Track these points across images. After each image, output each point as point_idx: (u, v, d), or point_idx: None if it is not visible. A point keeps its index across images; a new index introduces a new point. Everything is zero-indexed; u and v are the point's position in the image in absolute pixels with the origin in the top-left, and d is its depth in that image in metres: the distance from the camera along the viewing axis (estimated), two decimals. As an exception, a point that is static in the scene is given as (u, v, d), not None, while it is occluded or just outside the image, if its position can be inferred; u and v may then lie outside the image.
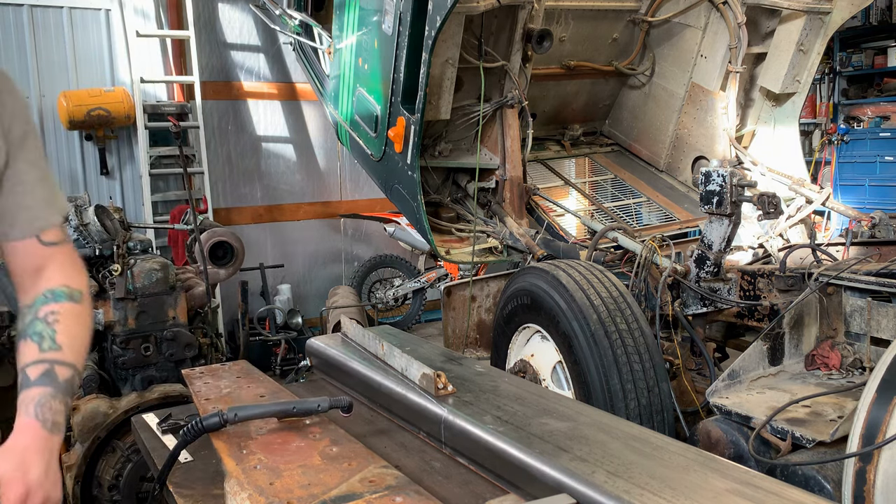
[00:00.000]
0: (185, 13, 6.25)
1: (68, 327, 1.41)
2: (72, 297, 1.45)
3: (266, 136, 6.98)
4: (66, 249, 1.51)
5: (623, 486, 1.18)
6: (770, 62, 4.75)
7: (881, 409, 1.87)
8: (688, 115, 5.05)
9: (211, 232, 4.04)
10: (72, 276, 1.48)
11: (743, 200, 3.12)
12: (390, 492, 1.28)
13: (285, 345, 5.75)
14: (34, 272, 1.46)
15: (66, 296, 1.44)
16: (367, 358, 1.95)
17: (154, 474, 1.65)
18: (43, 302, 1.42)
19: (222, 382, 1.95)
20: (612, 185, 5.19)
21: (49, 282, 1.45)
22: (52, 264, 1.47)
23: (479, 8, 3.84)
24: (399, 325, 6.70)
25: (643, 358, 2.83)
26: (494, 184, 4.41)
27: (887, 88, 8.44)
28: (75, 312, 1.44)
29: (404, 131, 3.98)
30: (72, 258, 1.52)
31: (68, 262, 1.49)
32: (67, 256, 1.50)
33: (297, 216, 7.17)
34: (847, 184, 8.41)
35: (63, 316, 1.41)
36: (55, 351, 1.37)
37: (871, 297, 2.73)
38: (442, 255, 4.12)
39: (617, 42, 5.13)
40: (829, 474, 2.18)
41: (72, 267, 1.50)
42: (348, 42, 4.58)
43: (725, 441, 2.55)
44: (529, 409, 1.55)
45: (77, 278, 1.49)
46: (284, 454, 1.45)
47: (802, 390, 2.64)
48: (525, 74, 4.41)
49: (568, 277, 3.04)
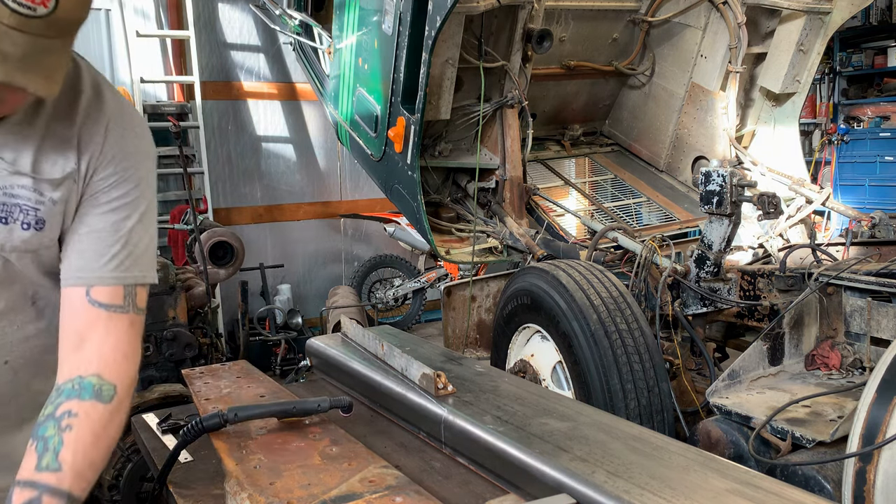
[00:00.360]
0: (185, 13, 6.24)
1: (80, 440, 1.20)
2: (99, 395, 1.24)
3: (266, 136, 6.98)
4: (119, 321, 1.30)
5: (623, 486, 1.18)
6: (770, 62, 4.75)
7: (881, 409, 1.87)
8: (688, 115, 5.05)
9: (211, 232, 4.05)
10: (112, 363, 1.28)
11: (743, 200, 3.12)
12: (390, 492, 1.28)
13: (285, 345, 5.75)
14: (75, 338, 1.28)
15: (94, 392, 1.24)
16: (367, 358, 1.95)
17: (154, 474, 1.65)
18: (67, 395, 1.23)
19: (222, 382, 1.95)
20: (612, 185, 5.19)
21: (83, 366, 1.26)
22: (94, 337, 1.28)
23: (479, 8, 3.84)
24: (399, 325, 6.70)
25: (643, 358, 2.83)
26: (494, 184, 4.41)
27: (887, 88, 8.44)
28: (96, 419, 1.23)
29: (404, 131, 3.98)
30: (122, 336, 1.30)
31: (114, 342, 1.29)
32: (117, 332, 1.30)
33: (297, 216, 7.17)
34: (847, 184, 8.41)
35: (79, 423, 1.21)
36: (52, 472, 1.17)
37: (871, 297, 2.73)
38: (442, 255, 4.12)
39: (617, 42, 5.13)
40: (829, 474, 2.18)
41: (116, 349, 1.29)
42: (348, 42, 4.58)
43: (725, 441, 2.55)
44: (529, 409, 1.55)
45: (118, 367, 1.28)
46: (284, 454, 1.45)
47: (802, 390, 2.65)
48: (525, 74, 4.41)
49: (568, 277, 3.04)
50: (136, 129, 1.35)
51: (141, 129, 1.37)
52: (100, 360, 1.27)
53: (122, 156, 1.31)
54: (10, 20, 1.01)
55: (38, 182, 1.25)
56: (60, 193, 1.27)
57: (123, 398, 1.29)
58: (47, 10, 1.04)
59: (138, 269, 1.34)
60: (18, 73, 1.04)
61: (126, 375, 1.30)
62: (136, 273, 1.33)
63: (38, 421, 1.22)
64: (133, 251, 1.33)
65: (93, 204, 1.30)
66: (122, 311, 1.31)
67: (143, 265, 1.35)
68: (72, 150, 1.27)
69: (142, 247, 1.35)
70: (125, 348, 1.31)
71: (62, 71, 1.14)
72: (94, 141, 1.29)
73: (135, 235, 1.33)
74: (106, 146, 1.30)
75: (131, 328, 1.33)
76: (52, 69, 1.10)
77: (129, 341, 1.32)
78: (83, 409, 1.23)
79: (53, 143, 1.27)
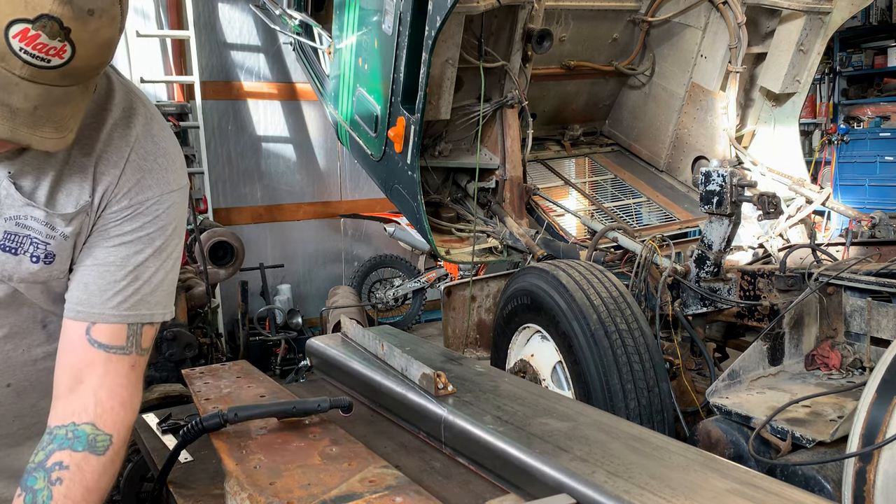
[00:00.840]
0: (185, 13, 6.25)
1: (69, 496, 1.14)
2: (93, 447, 1.18)
3: (266, 136, 6.98)
4: (119, 364, 1.23)
5: (623, 486, 1.18)
6: (770, 62, 4.75)
7: (881, 409, 1.87)
8: (688, 115, 5.05)
9: (211, 232, 4.05)
10: (108, 411, 1.21)
11: (743, 200, 3.12)
12: (390, 492, 1.28)
13: (285, 345, 5.75)
14: (71, 377, 1.22)
15: (88, 443, 1.18)
16: (367, 358, 1.95)
17: (154, 474, 1.65)
18: (59, 443, 1.17)
19: (222, 382, 1.95)
20: (612, 185, 5.19)
21: (77, 412, 1.19)
22: (92, 380, 1.21)
23: (479, 8, 3.84)
24: (399, 325, 6.70)
25: (643, 358, 2.83)
26: (494, 184, 4.41)
27: (887, 88, 8.44)
28: (88, 472, 1.17)
29: (404, 131, 3.98)
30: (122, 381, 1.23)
31: (111, 387, 1.22)
32: (115, 376, 1.23)
33: (297, 216, 7.18)
34: (847, 184, 8.41)
35: (71, 475, 1.15)
36: None
37: (871, 297, 2.73)
38: (442, 255, 4.12)
39: (617, 42, 5.13)
40: (829, 474, 2.18)
41: (113, 396, 1.22)
42: (348, 42, 4.58)
43: (725, 441, 2.55)
44: (529, 409, 1.55)
45: (114, 416, 1.21)
46: (284, 454, 1.45)
47: (802, 390, 2.64)
48: (525, 74, 4.41)
49: (568, 277, 3.04)
50: (160, 160, 1.26)
51: (167, 158, 1.28)
52: (96, 407, 1.21)
53: (139, 188, 1.24)
54: (23, 72, 0.95)
55: (50, 216, 1.20)
56: (72, 228, 1.22)
57: (119, 449, 1.24)
58: (62, 62, 0.97)
59: (146, 308, 1.26)
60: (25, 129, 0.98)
61: (122, 425, 1.24)
62: (144, 311, 1.26)
63: (28, 468, 1.17)
64: (141, 288, 1.25)
65: (103, 236, 1.24)
66: (124, 352, 1.24)
67: (151, 303, 1.27)
68: (87, 181, 1.21)
69: (153, 283, 1.27)
70: (123, 394, 1.24)
71: (77, 119, 1.07)
72: (111, 172, 1.22)
73: (146, 271, 1.25)
74: (122, 178, 1.22)
75: (132, 371, 1.26)
76: (65, 119, 1.03)
77: (128, 385, 1.25)
78: (75, 462, 1.17)
79: (71, 173, 1.20)
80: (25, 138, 0.99)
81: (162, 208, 1.26)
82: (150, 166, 1.25)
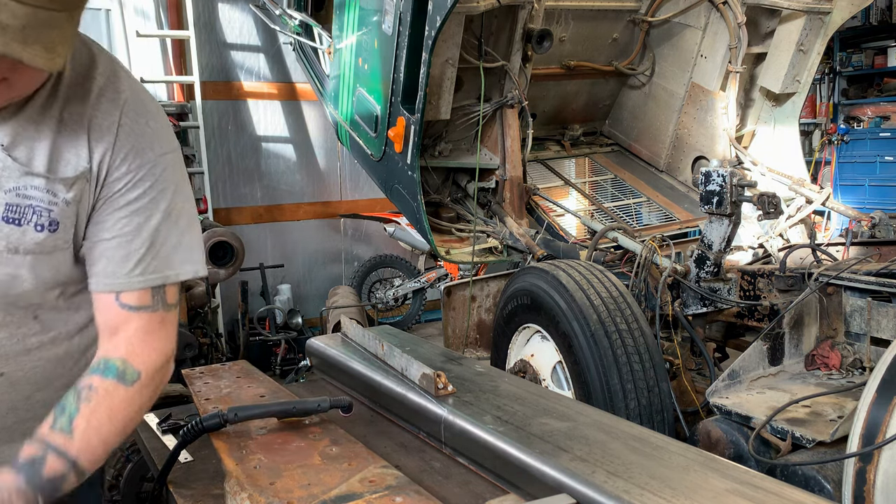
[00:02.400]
0: (185, 13, 6.24)
1: (94, 413, 1.24)
2: (122, 377, 1.28)
3: (266, 136, 6.98)
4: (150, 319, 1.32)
5: (623, 486, 1.18)
6: (770, 62, 4.75)
7: (881, 409, 1.87)
8: (688, 115, 5.05)
9: (211, 232, 4.04)
10: (140, 352, 1.30)
11: (743, 200, 3.12)
12: (390, 492, 1.28)
13: (285, 345, 5.75)
14: (109, 331, 1.32)
15: (117, 374, 1.27)
16: (367, 358, 1.95)
17: (154, 474, 1.65)
18: (91, 372, 1.28)
19: (222, 382, 1.95)
20: (612, 185, 5.19)
21: (111, 350, 1.30)
22: (127, 329, 1.31)
23: (479, 8, 3.84)
24: (399, 325, 6.70)
25: (643, 358, 2.83)
26: (494, 184, 4.41)
27: (887, 88, 8.44)
28: (115, 397, 1.26)
29: (404, 131, 3.98)
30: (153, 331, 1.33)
31: (143, 335, 1.31)
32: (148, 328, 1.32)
33: (297, 216, 7.17)
34: (847, 184, 8.41)
35: (99, 397, 1.25)
36: (62, 435, 1.20)
37: (871, 297, 2.73)
38: (442, 255, 4.12)
39: (617, 42, 5.13)
40: (829, 474, 2.18)
41: (144, 341, 1.31)
42: (348, 42, 4.58)
43: (725, 441, 2.55)
44: (529, 409, 1.55)
45: (145, 356, 1.31)
46: (284, 454, 1.45)
47: (802, 390, 2.65)
48: (525, 74, 4.41)
49: (568, 277, 3.04)
50: (150, 123, 1.31)
51: (157, 121, 1.33)
52: (128, 347, 1.30)
53: (135, 152, 1.28)
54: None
55: (51, 182, 1.23)
56: (73, 193, 1.25)
57: (146, 384, 1.31)
58: None
59: (168, 269, 1.33)
60: (17, 44, 1.01)
61: (152, 366, 1.32)
62: (167, 273, 1.33)
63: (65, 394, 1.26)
64: (160, 252, 1.31)
65: (112, 207, 1.28)
66: (152, 310, 1.33)
67: (173, 263, 1.33)
68: (83, 148, 1.25)
69: (170, 245, 1.32)
70: (153, 342, 1.33)
71: (66, 46, 1.09)
72: (105, 139, 1.26)
73: (160, 235, 1.31)
74: (118, 144, 1.27)
75: (161, 326, 1.34)
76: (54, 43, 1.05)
77: (160, 337, 1.34)
78: (104, 387, 1.26)
79: (65, 139, 1.24)
80: (17, 52, 1.02)
81: (160, 171, 1.31)
82: (143, 130, 1.30)
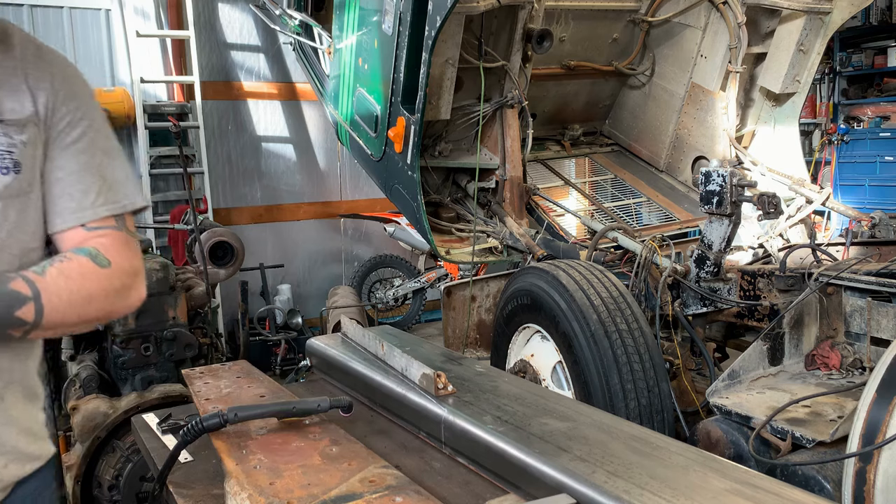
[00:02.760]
0: (185, 13, 6.25)
1: (65, 270, 1.25)
2: (94, 258, 1.29)
3: (266, 136, 6.99)
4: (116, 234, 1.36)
5: (623, 486, 1.18)
6: (770, 62, 4.75)
7: (881, 409, 1.87)
8: (688, 115, 5.05)
9: (211, 232, 4.04)
10: (110, 248, 1.32)
11: (743, 200, 3.12)
12: (390, 492, 1.28)
13: (285, 345, 5.76)
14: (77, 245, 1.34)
15: (89, 254, 1.29)
16: (367, 358, 1.95)
17: (154, 474, 1.65)
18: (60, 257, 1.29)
19: (222, 382, 1.95)
20: (612, 185, 5.19)
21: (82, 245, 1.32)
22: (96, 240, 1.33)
23: (479, 8, 3.84)
24: (399, 325, 6.71)
25: (643, 358, 2.83)
26: (494, 184, 4.41)
27: (887, 88, 8.44)
28: (87, 268, 1.28)
29: (404, 131, 3.98)
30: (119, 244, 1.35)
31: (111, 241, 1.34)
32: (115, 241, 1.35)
33: (297, 216, 7.18)
34: (847, 184, 8.41)
35: (72, 263, 1.27)
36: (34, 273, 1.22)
37: (871, 297, 2.73)
38: (442, 255, 4.12)
39: (617, 42, 5.13)
40: (829, 474, 2.18)
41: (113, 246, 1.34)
42: (348, 42, 4.58)
43: (725, 441, 2.55)
44: (529, 409, 1.55)
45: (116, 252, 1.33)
46: (284, 454, 1.45)
47: (802, 390, 2.65)
48: (525, 74, 4.41)
49: (568, 277, 3.04)
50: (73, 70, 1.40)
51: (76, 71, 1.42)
52: (99, 244, 1.33)
53: (71, 95, 1.35)
54: None
55: (5, 126, 1.27)
56: (26, 136, 1.29)
57: (116, 275, 1.32)
58: None
59: (124, 199, 1.39)
60: None
61: (122, 263, 1.34)
62: (123, 202, 1.39)
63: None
64: (112, 185, 1.38)
65: (60, 146, 1.34)
66: (117, 229, 1.37)
67: (127, 193, 1.40)
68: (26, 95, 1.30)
69: (118, 178, 1.40)
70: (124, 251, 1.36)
71: None
72: (43, 85, 1.32)
73: (107, 169, 1.38)
74: (55, 85, 1.33)
75: (128, 245, 1.38)
76: None
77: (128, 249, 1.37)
78: (77, 259, 1.28)
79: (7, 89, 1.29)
80: None
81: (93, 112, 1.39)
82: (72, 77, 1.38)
